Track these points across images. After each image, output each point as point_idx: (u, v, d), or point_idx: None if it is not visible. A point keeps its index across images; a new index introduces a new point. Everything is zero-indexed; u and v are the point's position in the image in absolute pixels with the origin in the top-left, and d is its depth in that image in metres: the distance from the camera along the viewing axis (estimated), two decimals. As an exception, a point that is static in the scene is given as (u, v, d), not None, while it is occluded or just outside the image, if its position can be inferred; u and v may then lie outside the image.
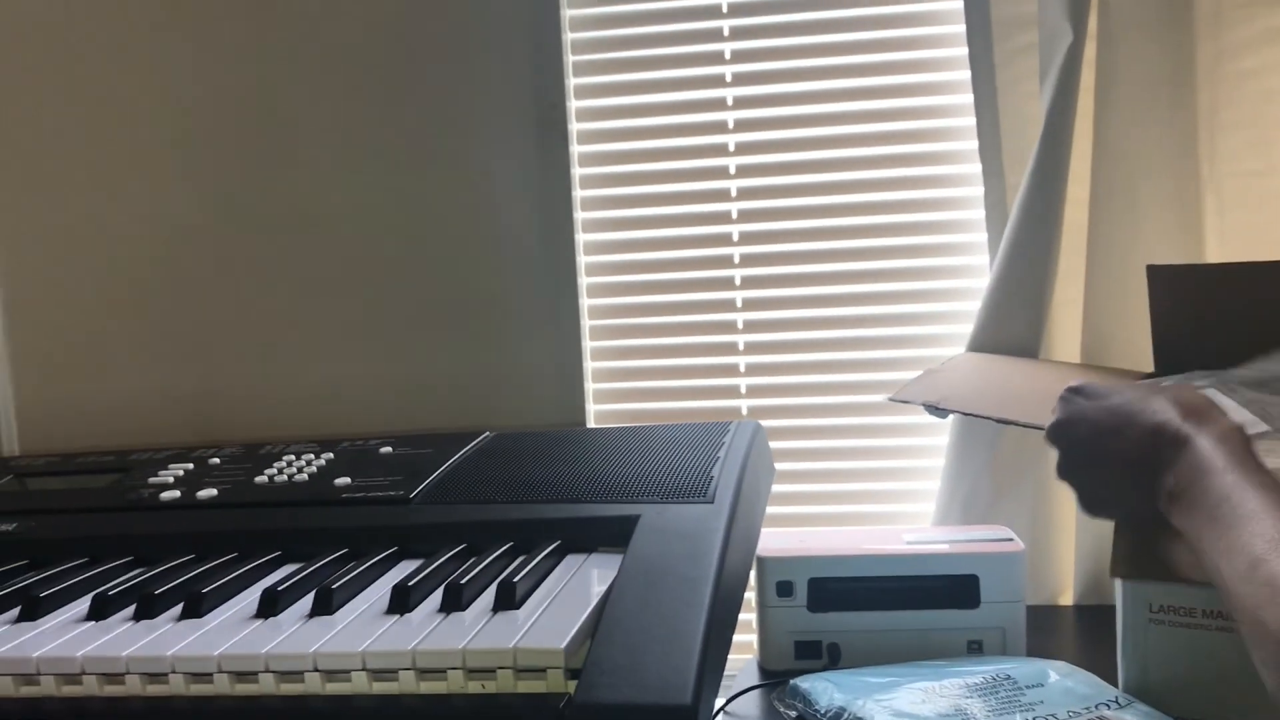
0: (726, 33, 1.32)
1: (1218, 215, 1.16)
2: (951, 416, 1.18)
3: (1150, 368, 1.06)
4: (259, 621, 0.72)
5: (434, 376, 1.35)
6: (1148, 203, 1.16)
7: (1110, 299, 1.17)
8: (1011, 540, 1.03)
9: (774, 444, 1.28)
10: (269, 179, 1.36)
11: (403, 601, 0.72)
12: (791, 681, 0.94)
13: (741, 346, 1.34)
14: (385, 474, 0.95)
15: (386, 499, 0.89)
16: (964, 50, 1.22)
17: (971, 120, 1.22)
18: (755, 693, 0.99)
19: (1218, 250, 1.16)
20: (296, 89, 1.35)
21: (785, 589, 1.00)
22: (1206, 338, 1.02)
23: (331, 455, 1.03)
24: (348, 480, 0.95)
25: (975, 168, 1.23)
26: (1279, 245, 1.15)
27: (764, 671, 1.03)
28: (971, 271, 1.28)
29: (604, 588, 0.72)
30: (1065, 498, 1.21)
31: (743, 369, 1.34)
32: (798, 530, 1.17)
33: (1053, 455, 1.18)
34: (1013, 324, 1.18)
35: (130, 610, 0.76)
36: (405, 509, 0.88)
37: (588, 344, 1.36)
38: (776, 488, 1.24)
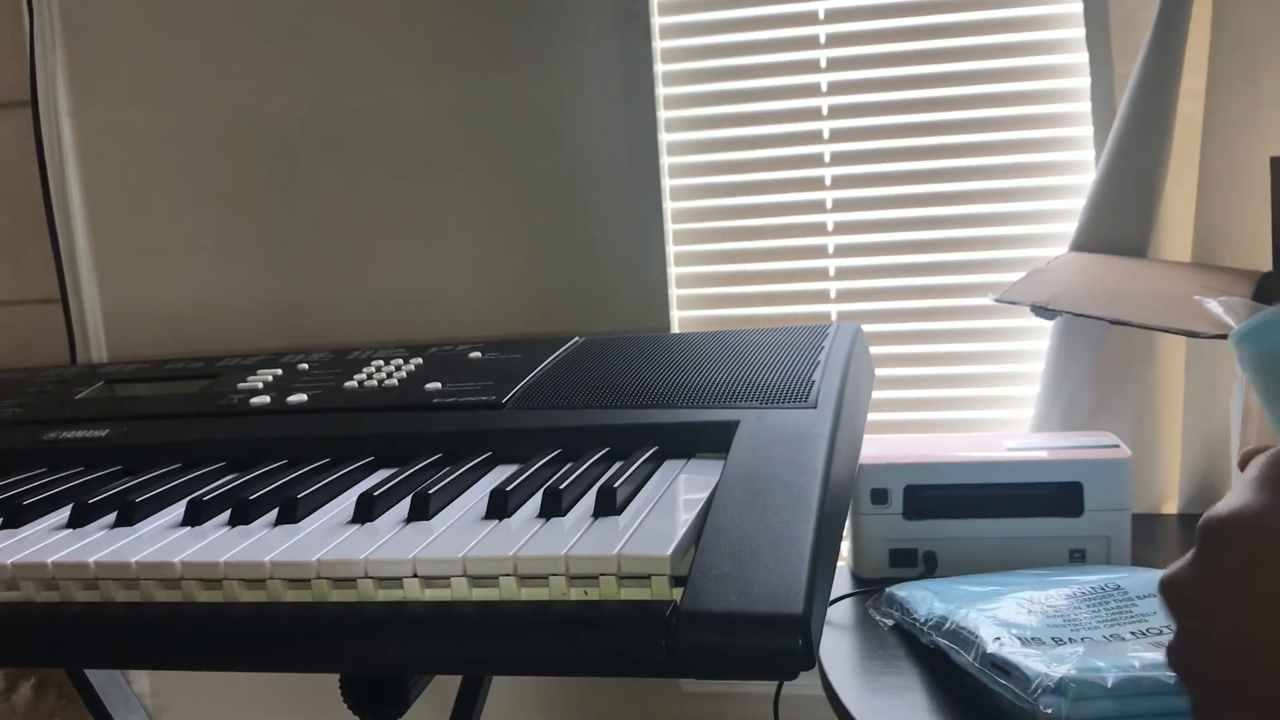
0: (817, -83, 1.26)
1: (1347, 102, 1.10)
2: (1053, 319, 1.13)
3: (1268, 266, 1.00)
4: (355, 527, 0.71)
5: (518, 281, 1.33)
6: (1270, 93, 1.10)
7: (1226, 194, 1.11)
8: (1118, 447, 0.99)
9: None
10: (352, 82, 1.34)
11: (500, 506, 0.70)
12: (888, 589, 0.92)
13: (831, 249, 1.30)
14: (476, 379, 0.93)
15: (479, 404, 0.87)
16: (1073, -71, 1.15)
17: (1078, 6, 1.16)
18: (849, 601, 0.97)
19: (1345, 140, 1.10)
20: (391, 5, 1.32)
21: (880, 496, 0.98)
22: (1332, 234, 0.97)
23: (420, 360, 1.01)
24: (438, 385, 0.93)
25: (1082, 57, 1.17)
26: None
27: (857, 579, 1.01)
28: (1077, 167, 1.22)
29: (706, 494, 0.70)
30: (1172, 402, 1.17)
31: (832, 273, 1.31)
32: (894, 437, 1.14)
33: (1161, 356, 1.15)
34: (1120, 222, 1.13)
35: (225, 516, 0.75)
36: (498, 414, 0.86)
37: (671, 248, 1.32)
38: (874, 394, 1.21)
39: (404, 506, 0.73)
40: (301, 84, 1.35)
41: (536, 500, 0.71)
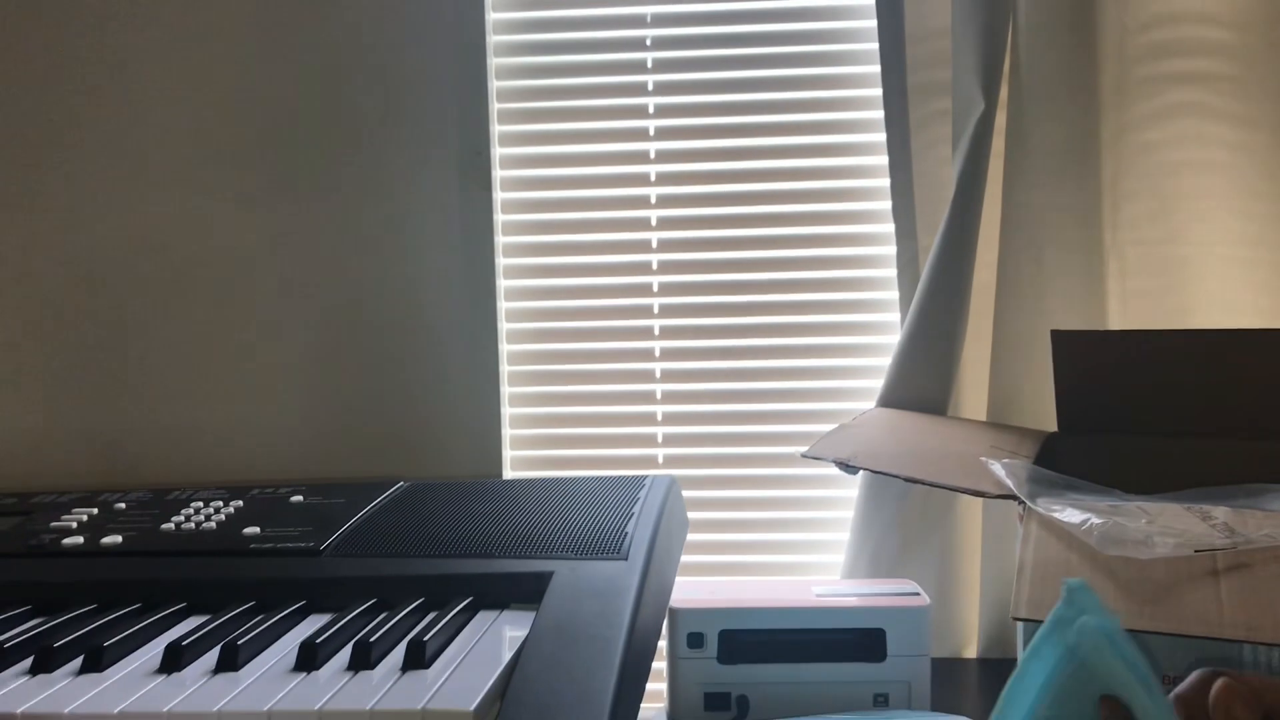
0: (651, 88, 1.34)
1: (1119, 280, 1.21)
2: (860, 470, 1.20)
3: (1053, 427, 1.09)
4: (162, 677, 0.71)
5: (350, 422, 1.34)
6: (1053, 266, 1.20)
7: (1016, 359, 1.21)
8: (918, 594, 1.05)
9: (689, 493, 1.29)
10: (186, 216, 1.34)
11: (309, 659, 0.71)
12: (700, 734, 0.94)
13: (659, 395, 1.35)
14: (295, 524, 0.94)
15: (296, 550, 0.88)
16: (880, 114, 1.25)
17: (886, 181, 1.25)
18: (664, 745, 0.99)
19: (1119, 313, 1.20)
20: (215, 130, 1.34)
21: (696, 640, 1.01)
22: (1107, 400, 1.06)
23: (241, 503, 1.01)
24: (257, 530, 0.93)
25: (889, 228, 1.26)
26: (1176, 310, 1.19)
27: (673, 724, 1.03)
28: (883, 328, 1.31)
29: (515, 647, 0.72)
30: (971, 552, 1.24)
31: (660, 418, 1.36)
32: (710, 580, 1.18)
33: (960, 509, 1.22)
34: (922, 381, 1.21)
35: (27, 663, 0.74)
36: (315, 561, 0.87)
37: (506, 390, 1.36)
38: (692, 536, 1.25)
39: (212, 657, 0.73)
40: (120, 212, 1.34)
41: (347, 653, 0.72)
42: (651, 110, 1.34)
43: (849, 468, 1.03)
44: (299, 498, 1.02)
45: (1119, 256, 1.20)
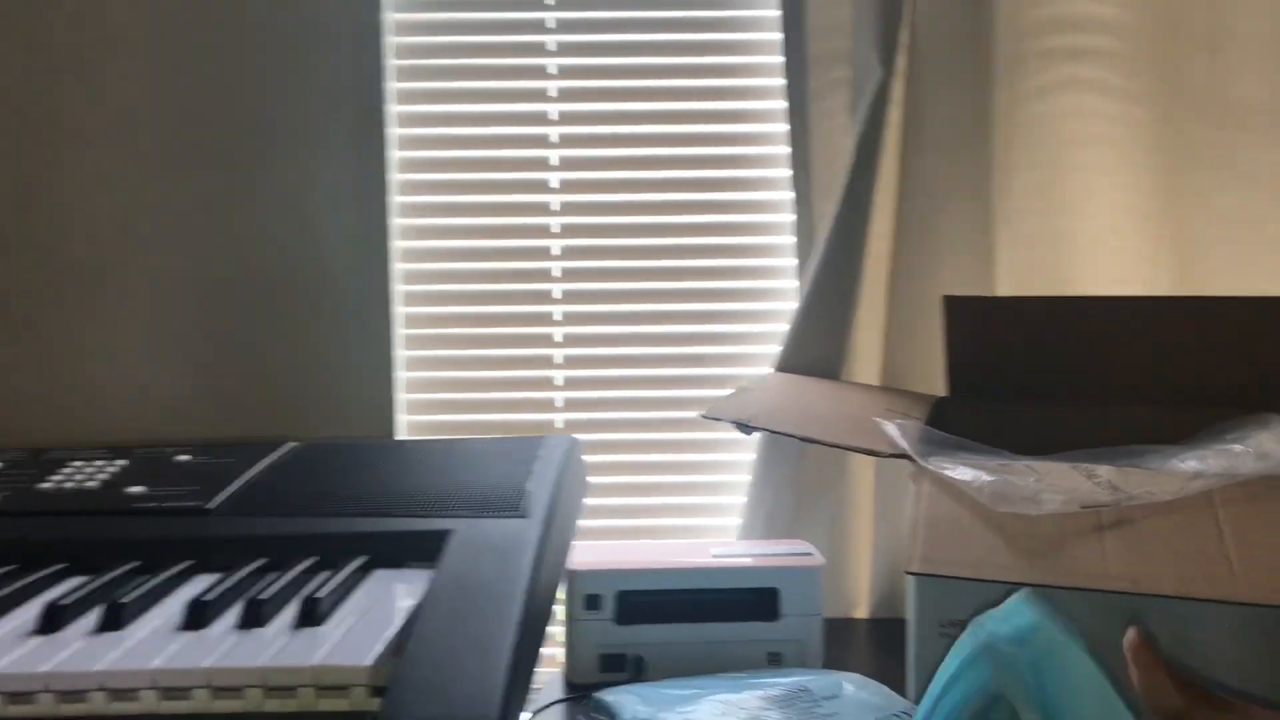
0: (552, 47, 1.32)
1: (1009, 249, 1.23)
2: (757, 434, 1.21)
3: (944, 391, 1.11)
4: (40, 638, 0.68)
5: (237, 383, 1.30)
6: (946, 235, 1.23)
7: (909, 326, 1.23)
8: (811, 555, 1.07)
9: (589, 457, 1.29)
10: (69, 171, 1.29)
11: (198, 617, 0.69)
12: (595, 694, 0.95)
13: (559, 360, 1.35)
14: (182, 483, 0.91)
15: (183, 509, 0.86)
16: (781, 81, 1.25)
17: (785, 149, 1.26)
18: (560, 707, 0.99)
19: (1008, 282, 1.23)
20: (104, 79, 1.29)
21: (593, 602, 1.01)
22: (996, 365, 1.08)
23: (125, 462, 0.98)
24: (141, 489, 0.90)
25: (787, 195, 1.27)
26: (1061, 280, 1.22)
27: (569, 685, 1.03)
28: (781, 295, 1.32)
29: (412, 603, 0.71)
30: (863, 513, 1.26)
31: (560, 382, 1.35)
32: (607, 543, 1.18)
33: (853, 471, 1.24)
34: (817, 346, 1.22)
35: (-108, 627, 0.70)
36: (203, 520, 0.85)
37: (401, 353, 1.33)
38: (593, 500, 1.25)
39: (94, 617, 0.71)
40: (8, 169, 1.29)
41: (237, 611, 0.70)
42: (554, 71, 1.33)
43: (746, 428, 1.04)
44: (185, 457, 0.99)
45: (1008, 226, 1.23)
